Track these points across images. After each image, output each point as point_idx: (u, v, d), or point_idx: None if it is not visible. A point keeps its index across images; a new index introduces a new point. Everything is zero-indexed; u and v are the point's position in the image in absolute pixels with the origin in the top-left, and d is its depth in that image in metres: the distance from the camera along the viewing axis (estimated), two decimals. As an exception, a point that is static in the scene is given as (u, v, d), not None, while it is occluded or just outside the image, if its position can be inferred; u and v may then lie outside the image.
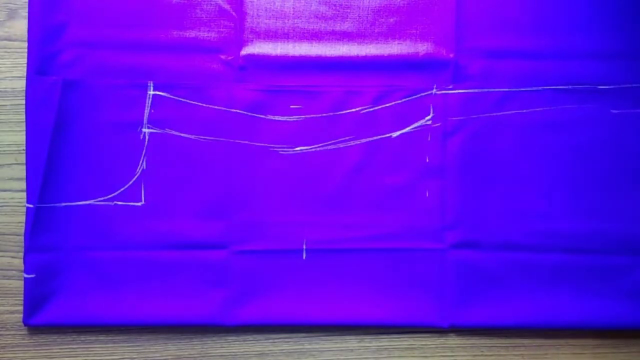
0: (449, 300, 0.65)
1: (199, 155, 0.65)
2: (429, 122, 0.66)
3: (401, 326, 0.66)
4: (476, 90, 0.65)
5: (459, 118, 0.65)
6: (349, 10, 0.65)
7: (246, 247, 0.65)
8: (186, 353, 0.66)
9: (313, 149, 0.65)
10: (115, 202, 0.65)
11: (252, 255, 0.65)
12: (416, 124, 0.66)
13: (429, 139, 0.66)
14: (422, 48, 0.65)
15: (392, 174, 0.65)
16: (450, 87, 0.65)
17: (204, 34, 0.65)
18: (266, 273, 0.65)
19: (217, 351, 0.66)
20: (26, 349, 0.65)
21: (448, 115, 0.65)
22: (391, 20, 0.65)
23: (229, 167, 0.65)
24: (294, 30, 0.65)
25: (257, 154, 0.65)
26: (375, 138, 0.65)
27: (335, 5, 0.65)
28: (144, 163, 0.65)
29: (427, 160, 0.66)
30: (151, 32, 0.65)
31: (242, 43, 0.65)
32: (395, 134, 0.66)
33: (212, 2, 0.65)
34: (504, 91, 0.65)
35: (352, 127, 0.65)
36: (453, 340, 0.66)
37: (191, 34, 0.65)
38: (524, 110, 0.65)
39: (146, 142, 0.65)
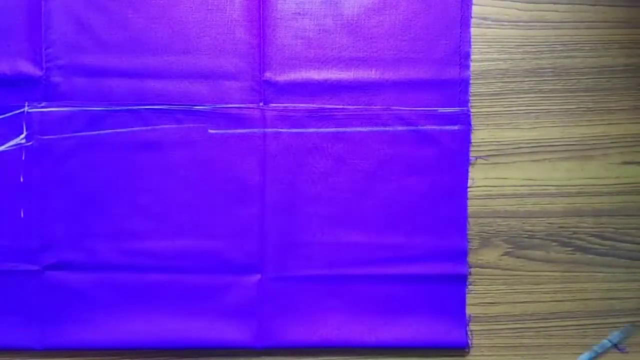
0: (47, 322, 0.64)
1: None
2: (23, 141, 0.64)
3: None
4: (70, 109, 0.64)
5: (52, 137, 0.64)
6: None
7: None
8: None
9: None
10: None
11: None
12: (11, 143, 0.64)
13: (23, 158, 0.64)
14: (12, 64, 0.63)
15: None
16: (42, 105, 0.64)
17: None
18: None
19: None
20: None
21: (42, 133, 0.64)
22: None
23: None
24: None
25: None
26: None
27: None
28: None
29: (22, 180, 0.64)
30: None
31: None
32: (-6, 153, 0.64)
33: None
34: (99, 110, 0.64)
35: None
36: None
37: None
38: (121, 130, 0.64)
39: None
